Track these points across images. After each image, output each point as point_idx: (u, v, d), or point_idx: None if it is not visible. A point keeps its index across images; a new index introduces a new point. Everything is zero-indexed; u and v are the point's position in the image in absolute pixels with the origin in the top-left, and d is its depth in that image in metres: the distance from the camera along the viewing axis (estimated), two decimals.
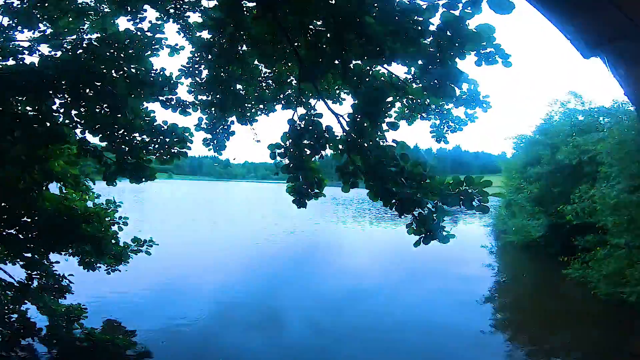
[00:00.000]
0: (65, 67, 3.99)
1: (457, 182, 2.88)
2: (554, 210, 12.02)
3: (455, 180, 2.90)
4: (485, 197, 2.80)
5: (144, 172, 4.50)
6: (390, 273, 11.63)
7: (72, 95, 3.98)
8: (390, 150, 3.16)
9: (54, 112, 4.36)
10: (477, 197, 2.82)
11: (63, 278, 5.38)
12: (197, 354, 6.09)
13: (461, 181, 2.87)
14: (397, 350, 6.41)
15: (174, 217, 23.94)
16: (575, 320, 8.14)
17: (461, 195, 2.83)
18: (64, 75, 3.98)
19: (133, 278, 8.93)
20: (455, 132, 6.17)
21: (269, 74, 6.58)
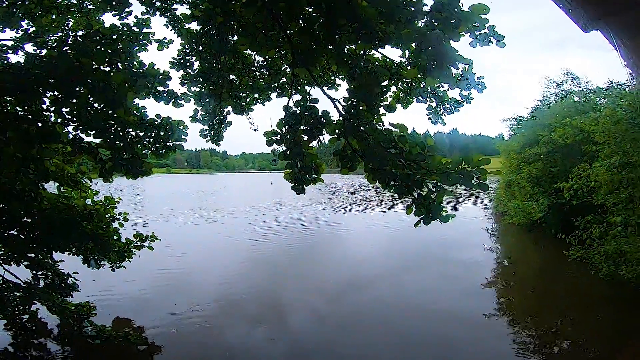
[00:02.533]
0: (54, 64, 3.92)
1: (456, 161, 2.87)
2: (553, 190, 12.04)
3: (454, 159, 2.88)
4: (484, 174, 2.79)
5: (140, 167, 4.47)
6: (390, 260, 11.62)
7: (62, 92, 3.90)
8: (388, 133, 3.13)
9: (44, 110, 4.32)
10: (476, 175, 2.80)
11: (68, 277, 5.38)
12: (202, 346, 6.10)
13: (460, 160, 2.86)
14: (401, 337, 6.44)
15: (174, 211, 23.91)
16: (579, 302, 8.14)
17: (460, 173, 2.81)
18: (52, 72, 3.91)
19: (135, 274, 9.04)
20: (452, 113, 6.21)
21: (262, 63, 6.53)
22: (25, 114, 4.21)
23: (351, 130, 3.29)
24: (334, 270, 10.38)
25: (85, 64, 3.76)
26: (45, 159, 4.34)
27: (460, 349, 6.07)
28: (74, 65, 3.79)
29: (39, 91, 3.94)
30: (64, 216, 4.49)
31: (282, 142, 3.45)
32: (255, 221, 19.41)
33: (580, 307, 7.83)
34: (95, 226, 4.80)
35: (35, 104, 4.20)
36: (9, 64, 3.88)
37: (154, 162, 4.83)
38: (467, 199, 28.95)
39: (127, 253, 5.54)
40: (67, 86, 3.88)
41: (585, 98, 14.76)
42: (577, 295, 8.60)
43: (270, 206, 27.04)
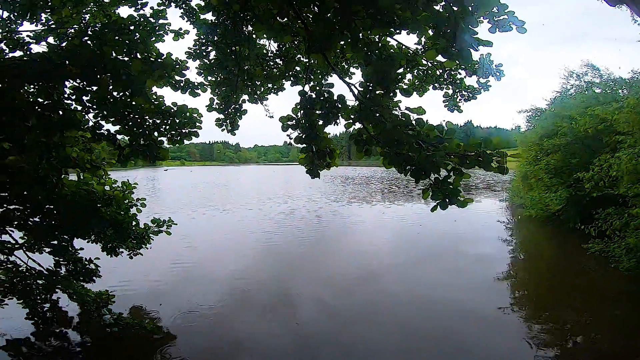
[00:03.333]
0: (76, 53, 4.00)
1: (474, 144, 2.82)
2: (572, 182, 11.75)
3: (473, 142, 2.84)
4: (503, 157, 2.74)
5: (157, 152, 4.56)
6: (402, 253, 11.48)
7: (84, 80, 3.98)
8: (405, 116, 3.09)
9: (65, 99, 4.43)
10: (495, 158, 2.75)
11: (90, 262, 5.53)
12: (214, 336, 6.21)
13: (479, 142, 2.81)
14: (410, 330, 6.37)
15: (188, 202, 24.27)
16: (597, 297, 7.91)
17: (479, 156, 2.76)
18: (75, 61, 4.00)
19: (150, 266, 9.22)
20: (469, 100, 6.09)
21: (276, 52, 6.52)
22: (47, 102, 4.31)
23: (367, 114, 3.27)
24: (345, 263, 10.33)
25: (107, 53, 3.83)
26: (67, 145, 4.46)
27: (470, 343, 5.97)
28: (96, 54, 3.86)
29: (62, 79, 4.03)
30: (85, 201, 4.60)
31: (297, 127, 3.46)
32: (268, 213, 19.55)
33: (599, 302, 7.62)
34: (114, 212, 4.92)
35: (56, 93, 4.31)
36: (32, 54, 3.97)
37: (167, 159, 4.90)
38: (482, 191, 28.48)
39: (145, 239, 5.66)
40: (89, 74, 3.96)
41: (607, 89, 14.34)
42: (596, 289, 8.37)
43: (283, 198, 27.19)
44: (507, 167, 2.75)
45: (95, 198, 4.70)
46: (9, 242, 5.11)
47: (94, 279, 5.69)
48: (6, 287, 5.26)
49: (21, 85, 4.06)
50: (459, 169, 2.84)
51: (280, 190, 33.24)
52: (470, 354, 5.70)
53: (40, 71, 3.93)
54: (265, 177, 59.84)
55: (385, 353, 5.65)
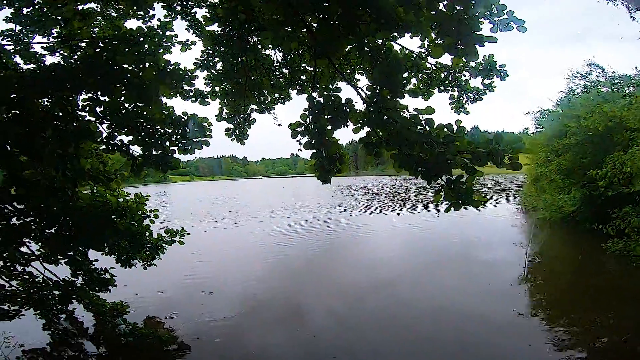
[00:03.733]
0: (90, 62, 4.10)
1: (486, 141, 2.81)
2: (585, 182, 11.56)
3: (484, 139, 2.83)
4: (516, 153, 2.72)
5: (169, 162, 4.63)
6: (414, 260, 11.29)
7: (99, 89, 4.07)
8: (414, 117, 3.09)
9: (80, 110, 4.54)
10: (507, 154, 2.73)
11: (105, 272, 5.59)
12: (226, 348, 6.17)
13: (490, 139, 2.80)
14: (423, 339, 6.20)
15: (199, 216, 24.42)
16: (619, 297, 7.67)
17: (491, 153, 2.75)
18: (88, 70, 4.09)
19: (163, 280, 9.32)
20: (475, 102, 6.10)
21: (281, 62, 6.62)
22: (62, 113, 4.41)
23: (375, 117, 3.28)
24: (356, 271, 10.20)
25: (120, 62, 3.92)
26: (81, 157, 4.55)
27: (487, 348, 5.80)
28: (108, 63, 3.96)
29: (76, 89, 4.13)
30: (99, 213, 4.67)
31: (306, 133, 3.48)
32: (278, 224, 19.53)
33: (621, 302, 7.39)
34: (128, 223, 4.99)
35: (70, 105, 4.42)
36: (45, 66, 4.08)
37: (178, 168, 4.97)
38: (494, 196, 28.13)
39: (159, 249, 5.71)
40: (103, 83, 4.05)
41: (613, 87, 14.24)
42: (616, 289, 8.13)
43: (292, 209, 27.22)
44: (520, 162, 2.73)
45: (110, 209, 4.77)
46: (26, 253, 5.19)
47: (110, 289, 5.72)
48: (23, 298, 5.32)
49: (37, 96, 4.16)
50: (472, 167, 2.82)
51: (290, 202, 33.29)
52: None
53: (56, 81, 4.04)
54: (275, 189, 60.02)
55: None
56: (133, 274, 6.51)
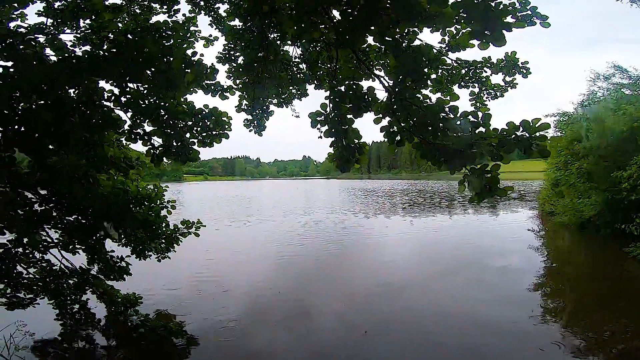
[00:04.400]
0: (120, 51, 4.19)
1: (512, 127, 2.74)
2: (608, 186, 11.23)
3: (510, 125, 2.76)
4: (544, 140, 2.65)
5: (188, 153, 4.70)
6: (426, 266, 10.97)
7: (127, 76, 4.15)
8: (439, 103, 3.05)
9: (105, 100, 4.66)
10: (534, 142, 2.66)
11: (121, 260, 5.66)
12: (231, 345, 6.13)
13: (517, 126, 2.73)
14: (432, 347, 5.99)
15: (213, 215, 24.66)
16: (638, 304, 7.36)
17: (519, 140, 2.68)
18: (118, 58, 4.18)
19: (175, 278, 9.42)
20: (496, 98, 6.01)
21: (300, 57, 6.65)
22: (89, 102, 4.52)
23: (398, 106, 3.25)
24: (366, 275, 9.95)
25: (149, 50, 3.99)
26: (105, 144, 4.65)
27: (498, 356, 5.61)
28: (138, 51, 4.04)
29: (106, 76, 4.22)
30: (120, 201, 4.75)
31: (326, 122, 3.47)
32: (292, 225, 19.54)
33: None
34: (146, 212, 5.05)
35: (97, 94, 4.53)
36: (74, 55, 4.19)
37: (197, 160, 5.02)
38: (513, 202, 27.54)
39: (175, 240, 5.76)
40: (132, 70, 4.13)
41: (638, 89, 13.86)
42: (637, 295, 7.84)
43: (306, 210, 27.29)
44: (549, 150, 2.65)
45: (130, 197, 4.84)
46: (45, 240, 5.30)
47: (125, 277, 5.77)
48: (39, 286, 5.40)
49: (66, 84, 4.26)
50: (498, 154, 2.75)
51: (304, 203, 33.34)
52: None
53: (84, 69, 4.13)
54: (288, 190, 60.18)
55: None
56: (144, 271, 6.49)
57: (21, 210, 4.83)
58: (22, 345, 5.68)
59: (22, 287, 5.32)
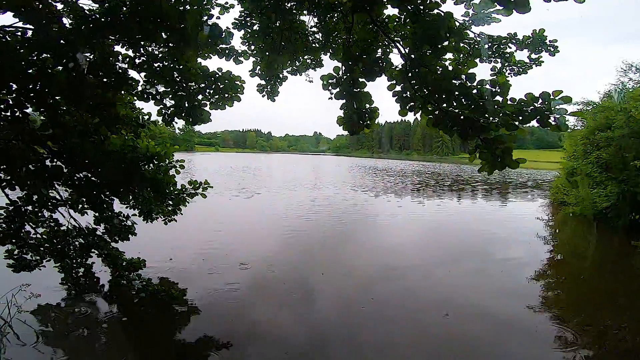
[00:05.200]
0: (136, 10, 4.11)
1: (531, 98, 2.62)
2: (625, 177, 10.91)
3: (529, 96, 2.64)
4: (564, 112, 2.53)
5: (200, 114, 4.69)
6: (429, 251, 10.82)
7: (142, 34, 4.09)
8: (455, 70, 2.93)
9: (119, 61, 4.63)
10: (554, 114, 2.54)
11: (127, 218, 5.75)
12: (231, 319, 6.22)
13: (536, 97, 2.61)
14: (427, 331, 6.01)
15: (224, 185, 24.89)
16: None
17: (537, 110, 2.56)
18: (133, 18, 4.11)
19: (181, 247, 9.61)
20: (519, 75, 5.75)
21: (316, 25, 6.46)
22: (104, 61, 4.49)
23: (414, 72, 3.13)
24: (369, 257, 9.93)
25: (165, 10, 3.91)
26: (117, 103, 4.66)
27: (493, 347, 5.56)
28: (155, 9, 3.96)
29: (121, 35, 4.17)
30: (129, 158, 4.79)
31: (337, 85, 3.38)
32: (300, 199, 19.62)
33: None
34: (155, 170, 5.09)
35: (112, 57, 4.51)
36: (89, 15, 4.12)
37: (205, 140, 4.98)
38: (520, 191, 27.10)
39: (182, 201, 5.81)
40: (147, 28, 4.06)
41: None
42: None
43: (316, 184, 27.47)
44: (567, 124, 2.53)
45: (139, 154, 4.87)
46: (54, 198, 5.34)
47: (129, 237, 5.85)
48: (46, 247, 5.44)
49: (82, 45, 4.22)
50: (514, 124, 2.64)
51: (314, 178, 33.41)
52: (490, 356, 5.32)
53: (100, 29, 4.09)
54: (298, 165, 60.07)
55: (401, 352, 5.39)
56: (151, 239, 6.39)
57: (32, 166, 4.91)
58: (24, 308, 5.74)
59: (30, 248, 5.37)
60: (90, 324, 5.85)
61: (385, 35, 3.59)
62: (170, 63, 4.71)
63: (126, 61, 4.64)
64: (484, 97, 2.68)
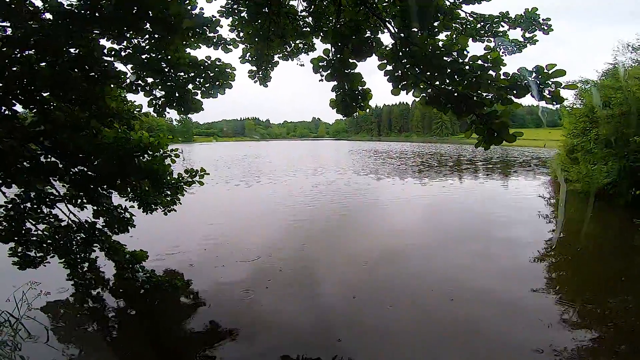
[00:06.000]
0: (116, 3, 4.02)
1: (524, 71, 2.56)
2: (626, 152, 10.84)
3: (522, 70, 2.58)
4: (559, 85, 2.47)
5: (191, 104, 4.64)
6: (430, 233, 10.86)
7: (124, 26, 4.01)
8: (446, 47, 2.86)
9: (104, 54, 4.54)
10: (548, 87, 2.49)
11: (125, 210, 5.74)
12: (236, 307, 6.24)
13: (530, 70, 2.55)
14: (429, 313, 6.00)
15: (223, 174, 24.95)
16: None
17: (530, 85, 2.51)
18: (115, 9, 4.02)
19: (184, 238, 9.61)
20: (513, 54, 5.67)
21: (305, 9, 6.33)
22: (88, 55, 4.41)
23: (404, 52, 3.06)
24: (370, 240, 9.95)
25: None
26: (106, 96, 4.60)
27: (496, 328, 5.55)
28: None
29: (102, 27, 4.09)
30: (122, 150, 4.75)
31: (328, 67, 3.31)
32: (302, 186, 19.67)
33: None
34: (150, 161, 5.06)
35: (97, 50, 4.42)
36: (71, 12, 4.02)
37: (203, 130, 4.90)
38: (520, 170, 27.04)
39: (180, 189, 5.80)
40: (129, 20, 3.98)
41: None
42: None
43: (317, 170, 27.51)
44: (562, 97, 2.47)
45: (133, 146, 4.83)
46: (51, 194, 5.33)
47: (128, 229, 5.85)
48: (49, 244, 5.44)
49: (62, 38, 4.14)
50: (508, 98, 2.59)
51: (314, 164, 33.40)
52: (495, 340, 5.27)
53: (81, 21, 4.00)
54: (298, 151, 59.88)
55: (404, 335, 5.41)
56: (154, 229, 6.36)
57: (27, 163, 4.88)
58: (34, 305, 5.65)
59: (33, 245, 5.38)
60: (99, 318, 5.93)
61: (374, 16, 3.51)
62: (157, 54, 4.63)
63: (112, 54, 4.56)
64: (476, 72, 2.62)
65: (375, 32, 3.21)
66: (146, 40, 4.48)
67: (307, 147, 77.43)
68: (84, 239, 5.80)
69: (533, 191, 17.03)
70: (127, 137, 4.73)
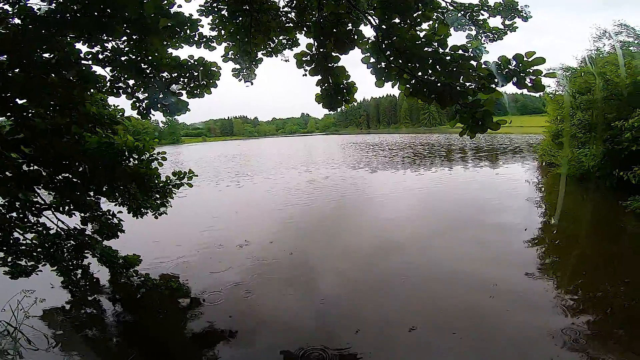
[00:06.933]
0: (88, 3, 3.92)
1: (505, 61, 2.58)
2: (608, 136, 11.07)
3: (503, 59, 2.60)
4: (539, 73, 2.50)
5: (176, 105, 4.56)
6: (424, 223, 10.93)
7: (97, 28, 3.92)
8: (427, 37, 2.86)
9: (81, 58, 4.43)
10: (529, 76, 2.52)
11: (113, 216, 5.68)
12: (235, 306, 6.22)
13: (509, 59, 2.58)
14: (428, 303, 6.03)
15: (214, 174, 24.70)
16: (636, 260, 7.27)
17: (512, 72, 2.53)
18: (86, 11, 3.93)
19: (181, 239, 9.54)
20: (494, 41, 5.75)
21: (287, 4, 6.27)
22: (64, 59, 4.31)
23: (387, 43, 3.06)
24: (366, 233, 10.01)
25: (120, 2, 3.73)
26: (86, 101, 4.50)
27: (494, 314, 5.59)
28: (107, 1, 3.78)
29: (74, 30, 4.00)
30: (107, 155, 4.66)
31: (312, 62, 3.30)
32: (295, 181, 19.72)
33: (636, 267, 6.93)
34: (136, 165, 4.99)
35: (73, 54, 4.31)
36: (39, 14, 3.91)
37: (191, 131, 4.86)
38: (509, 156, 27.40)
39: (168, 193, 5.73)
40: (103, 22, 3.89)
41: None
42: (633, 251, 7.78)
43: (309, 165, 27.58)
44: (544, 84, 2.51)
45: (117, 151, 4.75)
46: (37, 202, 5.24)
47: (118, 235, 5.80)
48: (38, 252, 5.38)
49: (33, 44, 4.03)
50: (490, 87, 2.61)
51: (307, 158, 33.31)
52: (494, 325, 5.33)
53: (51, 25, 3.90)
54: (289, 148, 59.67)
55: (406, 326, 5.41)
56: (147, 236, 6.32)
57: (9, 172, 4.76)
58: (31, 313, 5.64)
59: (22, 254, 5.30)
60: (98, 324, 5.90)
61: (355, 8, 3.50)
62: (137, 55, 4.54)
63: (88, 58, 4.45)
64: (457, 62, 2.64)
65: (357, 24, 3.20)
66: (124, 41, 4.39)
67: (297, 143, 77.03)
68: (74, 246, 5.74)
69: (520, 176, 17.23)
70: (110, 142, 4.65)
